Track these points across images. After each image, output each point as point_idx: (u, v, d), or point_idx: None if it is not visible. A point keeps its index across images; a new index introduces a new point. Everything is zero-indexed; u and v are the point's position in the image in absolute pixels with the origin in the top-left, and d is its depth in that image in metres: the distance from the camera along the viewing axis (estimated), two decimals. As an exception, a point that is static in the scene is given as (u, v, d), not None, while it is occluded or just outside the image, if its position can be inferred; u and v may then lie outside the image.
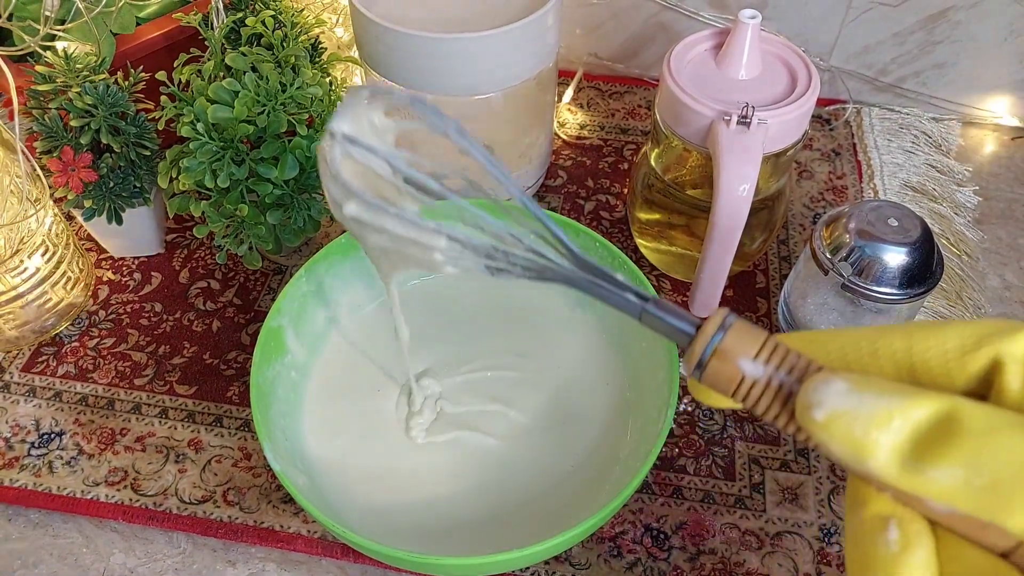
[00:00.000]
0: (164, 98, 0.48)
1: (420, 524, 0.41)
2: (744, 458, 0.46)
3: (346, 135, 0.28)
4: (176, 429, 0.47)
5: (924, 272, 0.42)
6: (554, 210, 0.59)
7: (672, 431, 0.47)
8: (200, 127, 0.44)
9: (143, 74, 0.50)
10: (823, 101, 0.68)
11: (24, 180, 0.46)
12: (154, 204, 0.52)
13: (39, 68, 0.47)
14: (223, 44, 0.49)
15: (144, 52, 0.54)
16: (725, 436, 0.47)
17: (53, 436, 0.47)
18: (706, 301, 0.48)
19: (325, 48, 0.53)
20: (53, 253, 0.50)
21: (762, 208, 0.49)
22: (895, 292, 0.42)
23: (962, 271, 0.55)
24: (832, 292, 0.44)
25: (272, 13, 0.48)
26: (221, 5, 0.49)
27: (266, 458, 0.38)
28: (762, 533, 0.43)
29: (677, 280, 0.55)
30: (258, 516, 0.44)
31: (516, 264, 0.26)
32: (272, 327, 0.43)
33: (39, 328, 0.51)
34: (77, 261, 0.53)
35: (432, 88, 0.49)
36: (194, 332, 0.52)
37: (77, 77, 0.47)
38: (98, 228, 0.54)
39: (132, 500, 0.44)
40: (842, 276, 0.43)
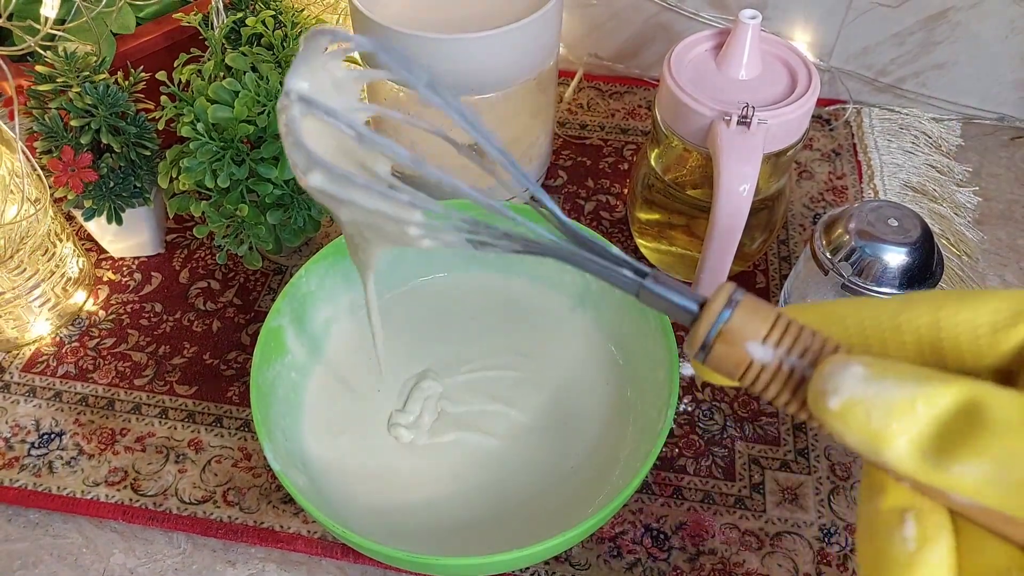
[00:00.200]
0: (164, 98, 0.48)
1: (420, 524, 0.41)
2: (744, 458, 0.46)
3: (302, 96, 0.24)
4: (176, 429, 0.47)
5: (924, 272, 0.42)
6: (554, 210, 0.59)
7: (672, 431, 0.47)
8: (200, 127, 0.44)
9: (143, 74, 0.50)
10: (823, 101, 0.68)
11: (24, 180, 0.46)
12: (154, 204, 0.52)
13: (39, 68, 0.47)
14: (223, 44, 0.49)
15: (144, 52, 0.54)
16: (725, 436, 0.47)
17: (53, 436, 0.47)
18: (706, 301, 0.48)
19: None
20: (53, 253, 0.50)
21: (762, 208, 0.49)
22: (895, 292, 0.42)
23: (962, 271, 0.55)
24: (832, 292, 0.44)
25: (272, 13, 0.48)
26: (221, 5, 0.49)
27: (266, 458, 0.38)
28: (762, 533, 0.43)
29: (677, 280, 0.55)
30: (258, 516, 0.44)
31: (500, 237, 0.23)
32: (272, 327, 0.43)
33: (39, 328, 0.51)
34: (77, 261, 0.53)
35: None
36: (194, 332, 0.52)
37: (77, 77, 0.47)
38: (98, 228, 0.54)
39: (132, 500, 0.44)
40: (842, 276, 0.43)
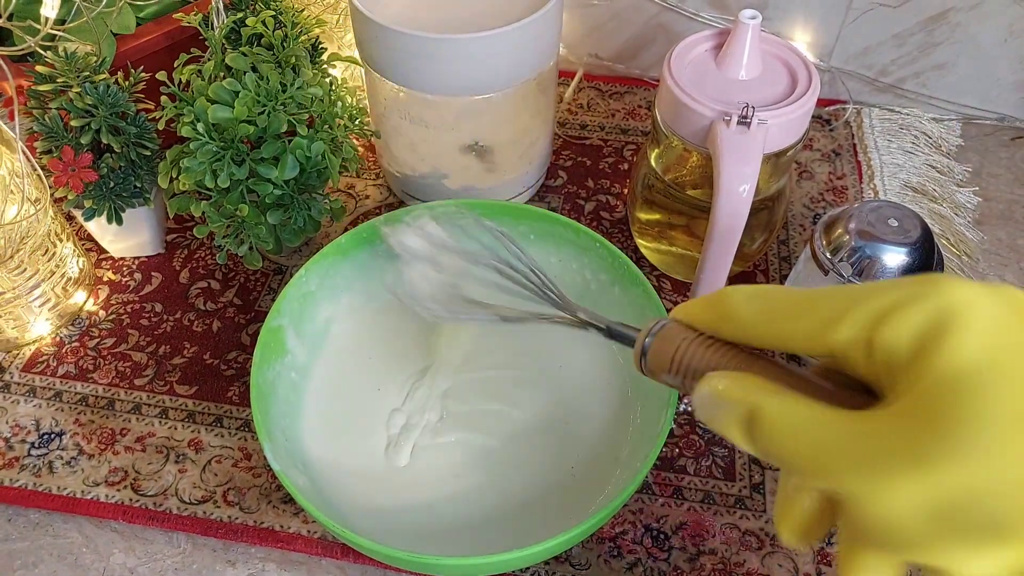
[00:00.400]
0: (164, 98, 0.48)
1: (420, 524, 0.41)
2: (744, 458, 0.46)
3: (413, 253, 0.37)
4: (176, 429, 0.47)
5: (924, 272, 0.42)
6: (554, 210, 0.58)
7: (672, 431, 0.47)
8: (200, 127, 0.44)
9: (143, 74, 0.50)
10: (823, 102, 0.68)
11: (24, 180, 0.47)
12: (154, 204, 0.52)
13: (39, 68, 0.47)
14: (223, 44, 0.49)
15: (144, 52, 0.54)
16: (725, 436, 0.47)
17: (53, 436, 0.47)
18: (706, 301, 0.48)
19: (325, 48, 0.53)
20: (53, 253, 0.50)
21: (762, 208, 0.49)
22: (895, 292, 0.42)
23: (962, 271, 0.55)
24: (832, 292, 0.44)
25: (272, 13, 0.48)
26: (221, 5, 0.49)
27: (266, 458, 0.38)
28: (762, 533, 0.43)
29: (677, 280, 0.55)
30: (258, 516, 0.44)
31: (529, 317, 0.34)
32: (272, 327, 0.43)
33: (39, 328, 0.51)
34: (77, 261, 0.53)
35: (432, 88, 0.49)
36: (194, 332, 0.52)
37: (77, 77, 0.47)
38: (98, 228, 0.54)
39: (132, 500, 0.44)
40: (842, 276, 0.43)
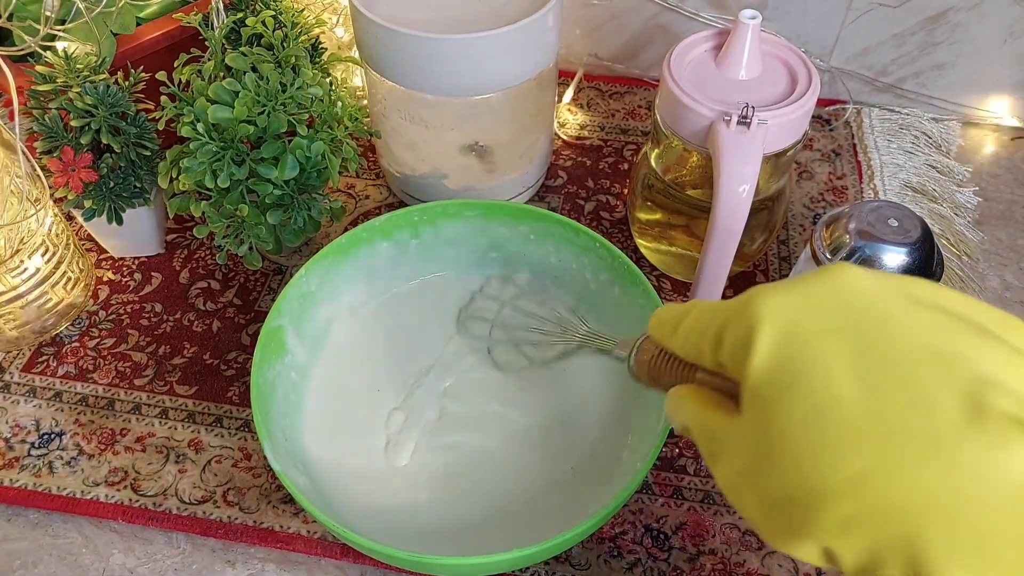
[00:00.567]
0: (164, 98, 0.48)
1: (420, 524, 0.41)
2: (744, 458, 0.46)
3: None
4: (176, 429, 0.47)
5: (924, 273, 0.42)
6: (554, 210, 0.58)
7: (672, 431, 0.47)
8: (200, 127, 0.44)
9: (143, 74, 0.50)
10: (823, 102, 0.68)
11: (24, 180, 0.46)
12: (154, 204, 0.52)
13: (39, 68, 0.47)
14: (223, 44, 0.49)
15: (144, 52, 0.54)
16: (725, 436, 0.46)
17: (53, 436, 0.47)
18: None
19: (325, 48, 0.53)
20: (53, 253, 0.50)
21: (762, 208, 0.49)
22: (895, 292, 0.42)
23: (962, 272, 0.55)
24: (832, 292, 0.44)
25: (272, 13, 0.48)
26: (221, 5, 0.49)
27: (266, 458, 0.38)
28: (762, 533, 0.43)
29: (677, 280, 0.55)
30: (258, 516, 0.44)
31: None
32: (272, 327, 0.43)
33: (39, 328, 0.51)
34: (77, 261, 0.53)
35: (432, 88, 0.49)
36: (194, 332, 0.52)
37: (77, 77, 0.47)
38: (98, 228, 0.54)
39: (132, 500, 0.44)
40: (842, 276, 0.43)
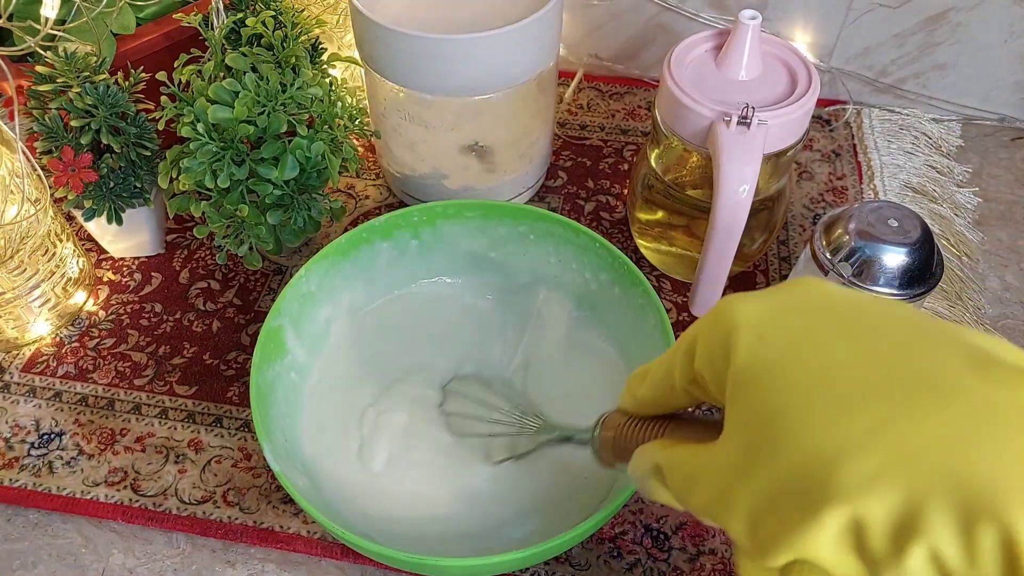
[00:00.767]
0: (164, 98, 0.48)
1: (420, 524, 0.41)
2: (744, 459, 0.46)
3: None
4: (176, 429, 0.47)
5: (924, 273, 0.42)
6: (554, 210, 0.58)
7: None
8: (200, 127, 0.44)
9: (143, 74, 0.50)
10: (823, 102, 0.68)
11: (24, 180, 0.46)
12: (154, 204, 0.52)
13: (39, 68, 0.47)
14: (223, 44, 0.49)
15: (144, 52, 0.54)
16: (725, 437, 0.46)
17: (53, 436, 0.47)
18: (706, 301, 0.48)
19: (325, 48, 0.53)
20: (53, 253, 0.50)
21: (762, 209, 0.49)
22: (895, 293, 0.42)
23: (962, 272, 0.55)
24: (832, 293, 0.44)
25: (272, 13, 0.48)
26: (221, 5, 0.49)
27: (266, 459, 0.38)
28: (762, 534, 0.43)
29: (677, 280, 0.55)
30: (258, 516, 0.44)
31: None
32: (272, 327, 0.43)
33: (39, 328, 0.51)
34: (77, 261, 0.53)
35: (432, 88, 0.49)
36: (194, 332, 0.52)
37: (77, 77, 0.47)
38: (98, 228, 0.54)
39: (132, 500, 0.44)
40: (842, 276, 0.43)
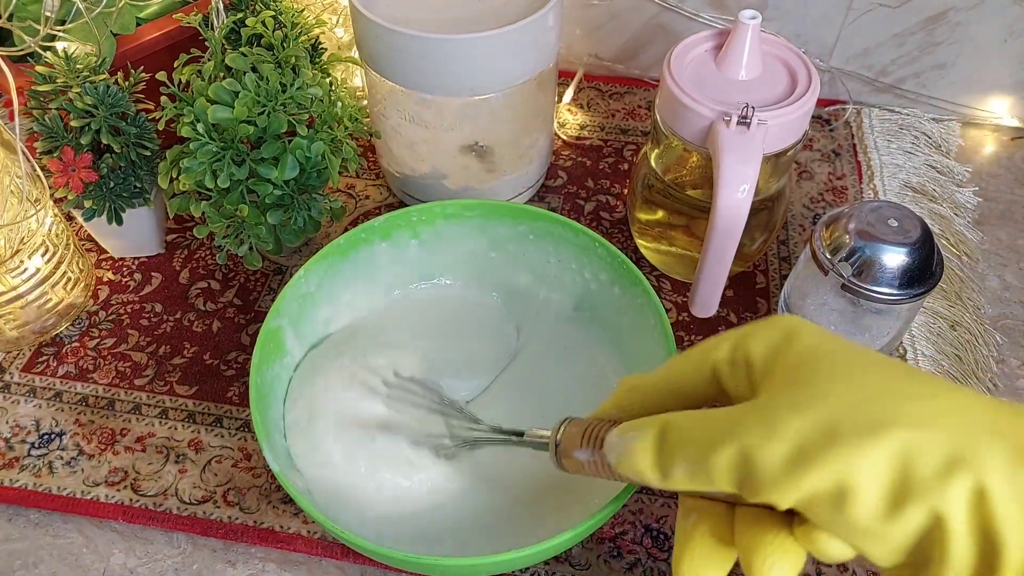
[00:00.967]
0: (164, 98, 0.48)
1: (420, 524, 0.41)
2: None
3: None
4: (176, 429, 0.47)
5: (924, 273, 0.42)
6: (554, 210, 0.58)
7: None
8: (200, 127, 0.44)
9: (143, 74, 0.50)
10: (823, 102, 0.68)
11: (24, 180, 0.47)
12: (154, 204, 0.52)
13: (39, 68, 0.47)
14: (223, 44, 0.49)
15: (144, 52, 0.54)
16: (725, 436, 0.46)
17: (53, 436, 0.47)
18: (706, 301, 0.48)
19: (325, 48, 0.53)
20: (53, 253, 0.50)
21: (762, 208, 0.49)
22: (895, 292, 0.42)
23: (962, 272, 0.55)
24: (832, 292, 0.44)
25: (272, 13, 0.48)
26: (221, 5, 0.49)
27: (265, 459, 0.38)
28: (762, 534, 0.43)
29: (677, 280, 0.55)
30: (258, 516, 0.44)
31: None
32: (272, 327, 0.43)
33: (39, 328, 0.51)
34: (77, 261, 0.53)
35: (432, 88, 0.49)
36: (194, 332, 0.52)
37: (77, 77, 0.47)
38: (98, 228, 0.54)
39: (132, 500, 0.44)
40: (842, 276, 0.43)
